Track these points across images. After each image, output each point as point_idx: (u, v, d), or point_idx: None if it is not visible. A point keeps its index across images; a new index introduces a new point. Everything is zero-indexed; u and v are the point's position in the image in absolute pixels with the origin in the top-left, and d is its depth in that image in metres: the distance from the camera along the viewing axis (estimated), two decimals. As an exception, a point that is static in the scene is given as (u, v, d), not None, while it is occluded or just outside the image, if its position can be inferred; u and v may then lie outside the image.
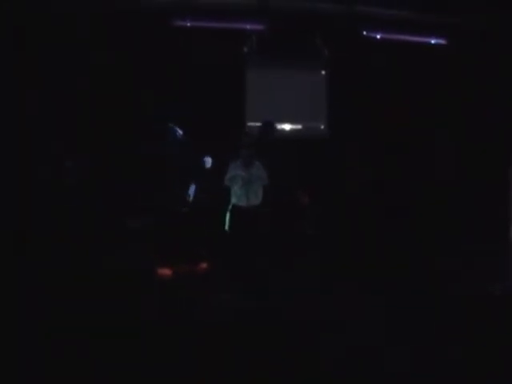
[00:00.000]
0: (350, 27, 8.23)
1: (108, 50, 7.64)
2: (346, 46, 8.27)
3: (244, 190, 6.93)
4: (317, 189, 7.57)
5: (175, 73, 7.87)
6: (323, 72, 8.62)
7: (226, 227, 7.06)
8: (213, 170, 7.32)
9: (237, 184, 7.00)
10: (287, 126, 8.55)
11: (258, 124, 7.86)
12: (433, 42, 8.35)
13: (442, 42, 8.32)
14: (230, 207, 7.07)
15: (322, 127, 8.63)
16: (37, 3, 7.21)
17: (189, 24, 8.09)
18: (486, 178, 7.61)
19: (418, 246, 6.97)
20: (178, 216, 7.21)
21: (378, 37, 8.37)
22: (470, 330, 4.54)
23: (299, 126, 8.63)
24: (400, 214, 7.54)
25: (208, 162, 7.34)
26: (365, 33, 8.33)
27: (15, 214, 6.69)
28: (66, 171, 7.36)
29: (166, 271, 6.56)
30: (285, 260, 6.68)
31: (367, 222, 7.41)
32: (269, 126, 7.58)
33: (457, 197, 7.69)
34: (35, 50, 7.23)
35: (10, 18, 6.97)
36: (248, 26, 8.28)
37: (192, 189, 7.38)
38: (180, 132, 7.29)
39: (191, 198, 7.37)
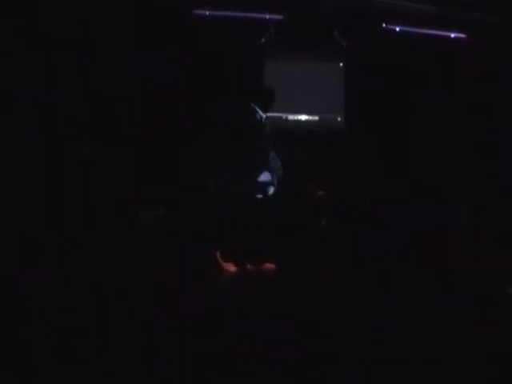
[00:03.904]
0: (370, 19, 8.18)
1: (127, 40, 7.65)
2: (365, 38, 8.23)
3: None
4: (331, 182, 7.58)
5: (191, 61, 7.88)
6: (341, 64, 8.60)
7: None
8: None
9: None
10: (303, 117, 8.54)
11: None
12: (453, 35, 8.29)
13: (462, 36, 8.25)
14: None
15: (339, 119, 8.61)
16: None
17: (208, 13, 8.09)
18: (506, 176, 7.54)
19: (433, 241, 6.94)
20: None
21: (398, 29, 8.31)
22: (484, 331, 4.49)
23: (316, 118, 8.62)
24: (415, 208, 7.50)
25: (267, 176, 6.73)
26: (384, 25, 8.28)
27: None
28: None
29: (230, 267, 6.22)
30: (297, 253, 6.70)
31: (381, 216, 7.41)
32: None
33: (476, 192, 7.62)
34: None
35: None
36: (267, 16, 8.27)
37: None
38: (262, 114, 6.58)
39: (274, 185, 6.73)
